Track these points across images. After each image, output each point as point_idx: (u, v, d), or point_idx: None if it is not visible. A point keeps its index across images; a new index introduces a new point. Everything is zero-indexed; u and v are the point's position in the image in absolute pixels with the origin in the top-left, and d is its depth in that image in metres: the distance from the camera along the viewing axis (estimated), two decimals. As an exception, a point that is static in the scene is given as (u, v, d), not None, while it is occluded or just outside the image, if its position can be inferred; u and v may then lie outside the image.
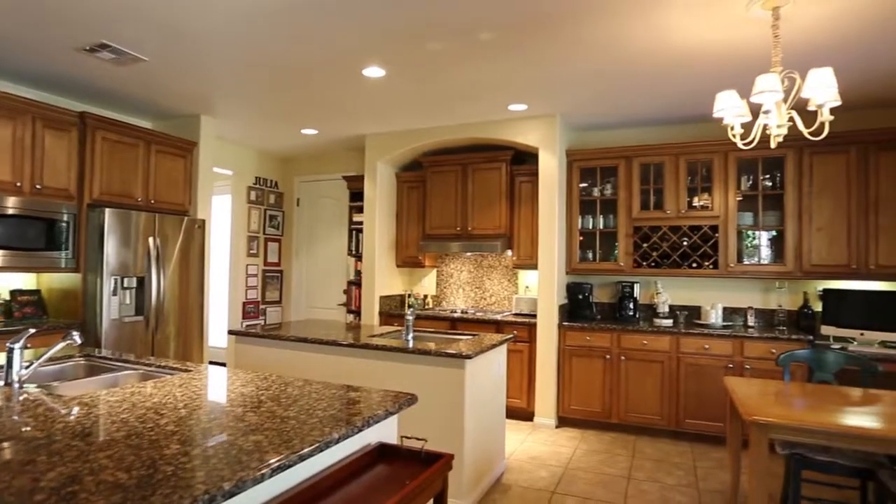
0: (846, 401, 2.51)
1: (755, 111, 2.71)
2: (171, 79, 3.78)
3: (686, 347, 4.10)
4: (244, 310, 6.08)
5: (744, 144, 2.76)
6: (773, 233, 4.30)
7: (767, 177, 4.23)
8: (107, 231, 3.77)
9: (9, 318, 3.70)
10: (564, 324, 4.47)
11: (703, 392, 4.05)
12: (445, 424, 2.86)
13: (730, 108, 2.60)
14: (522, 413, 4.58)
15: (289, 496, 1.31)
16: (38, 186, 3.57)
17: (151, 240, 4.08)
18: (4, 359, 1.90)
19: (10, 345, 1.85)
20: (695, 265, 4.34)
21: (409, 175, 5.41)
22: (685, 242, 4.39)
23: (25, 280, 3.95)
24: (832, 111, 2.42)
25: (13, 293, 3.79)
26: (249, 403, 1.69)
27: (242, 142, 5.78)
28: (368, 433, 1.69)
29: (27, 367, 1.89)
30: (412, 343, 3.08)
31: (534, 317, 4.63)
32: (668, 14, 2.69)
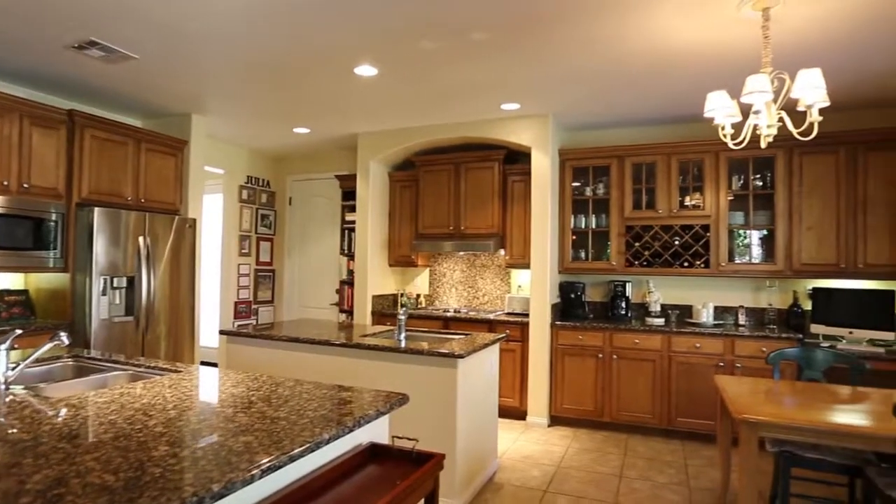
0: (835, 399, 2.54)
1: (745, 111, 2.73)
2: (162, 77, 3.75)
3: (677, 346, 4.13)
4: (236, 309, 6.04)
5: (734, 144, 2.78)
6: (764, 232, 4.33)
7: (758, 176, 4.26)
8: (96, 230, 3.74)
9: (-4, 319, 3.67)
10: (557, 323, 4.48)
11: (695, 391, 4.07)
12: (438, 424, 2.86)
13: (720, 108, 2.62)
14: (515, 412, 4.59)
15: (279, 497, 1.30)
16: (26, 185, 3.53)
17: (142, 239, 4.05)
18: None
19: (-3, 346, 1.83)
20: (686, 264, 4.36)
21: (402, 174, 5.40)
22: (677, 242, 4.41)
23: (13, 280, 3.91)
24: (821, 111, 2.44)
25: (0, 293, 3.75)
26: (240, 404, 1.68)
27: (234, 140, 5.75)
28: (360, 433, 1.69)
29: (14, 369, 1.87)
30: (404, 343, 3.07)
31: (526, 316, 4.64)
32: (660, 14, 2.70)
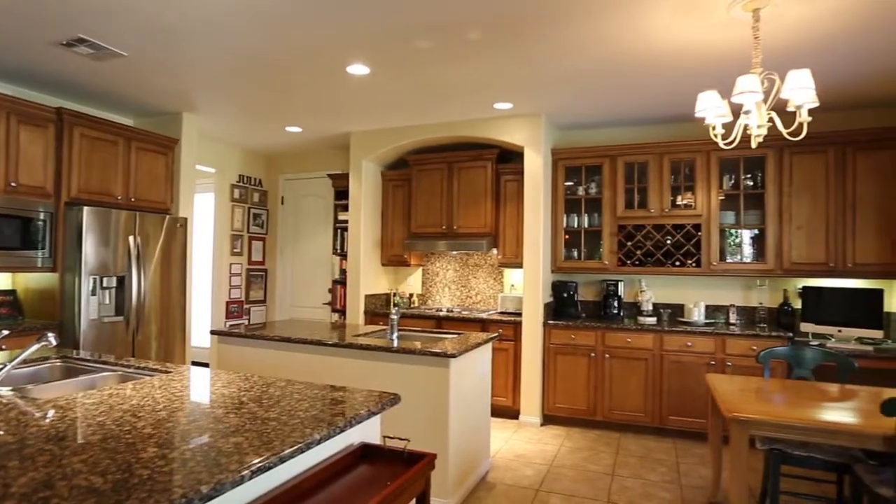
0: (824, 397, 2.56)
1: (736, 111, 2.75)
2: (152, 75, 3.72)
3: (669, 345, 4.15)
4: (228, 309, 6.01)
5: (725, 144, 2.80)
6: (755, 231, 4.36)
7: (749, 176, 4.29)
8: (85, 230, 3.70)
9: (-17, 319, 3.63)
10: (549, 322, 4.49)
11: (686, 389, 4.10)
12: (430, 424, 2.86)
13: (711, 108, 2.63)
14: (508, 411, 4.60)
15: (269, 498, 1.30)
16: (14, 184, 3.49)
17: (132, 238, 4.01)
18: (-23, 361, 1.85)
19: (-17, 347, 1.81)
20: (678, 263, 4.38)
21: (395, 173, 5.39)
22: (669, 241, 4.43)
23: (1, 280, 3.86)
24: (811, 112, 2.46)
25: (-12, 293, 3.72)
26: (230, 405, 1.67)
27: (225, 139, 5.71)
28: (351, 433, 1.68)
29: (0, 370, 1.85)
30: (397, 342, 3.07)
31: (519, 315, 4.64)
32: (652, 15, 2.71)
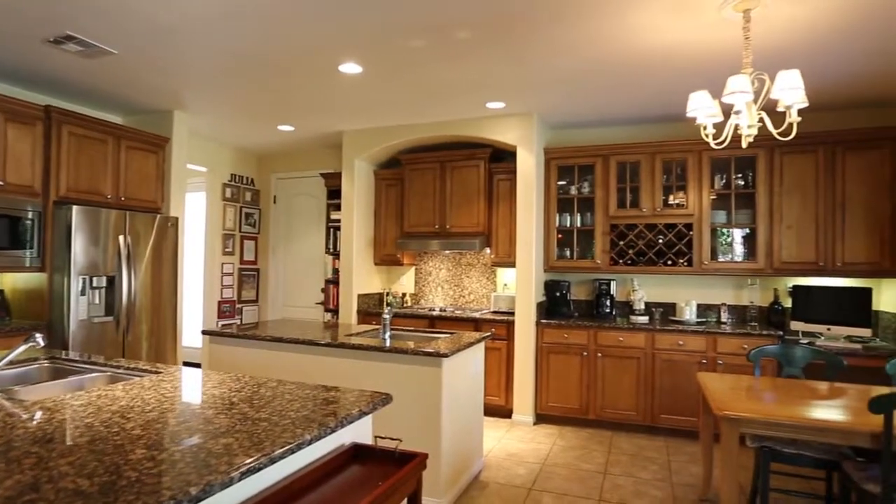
0: (813, 395, 2.58)
1: (727, 111, 2.76)
2: (142, 73, 3.69)
3: (661, 344, 4.17)
4: (219, 309, 5.97)
5: (716, 144, 2.81)
6: (746, 231, 4.39)
7: (740, 176, 4.32)
8: (74, 229, 3.66)
9: (-29, 320, 3.58)
10: (542, 321, 4.50)
11: (678, 388, 4.12)
12: (423, 423, 2.85)
13: (702, 108, 2.64)
14: (500, 410, 4.60)
15: (259, 499, 1.29)
16: (1, 183, 3.45)
17: (122, 238, 3.98)
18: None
19: (-31, 348, 1.79)
20: (670, 262, 4.40)
21: (388, 172, 5.38)
22: (661, 240, 4.45)
23: (-12, 280, 3.82)
24: (801, 112, 2.48)
25: (-25, 293, 3.67)
26: (221, 405, 1.66)
27: (217, 138, 5.67)
28: (342, 433, 1.68)
29: (-13, 371, 1.82)
30: (389, 342, 3.06)
31: (512, 314, 4.65)
32: (643, 15, 2.72)
